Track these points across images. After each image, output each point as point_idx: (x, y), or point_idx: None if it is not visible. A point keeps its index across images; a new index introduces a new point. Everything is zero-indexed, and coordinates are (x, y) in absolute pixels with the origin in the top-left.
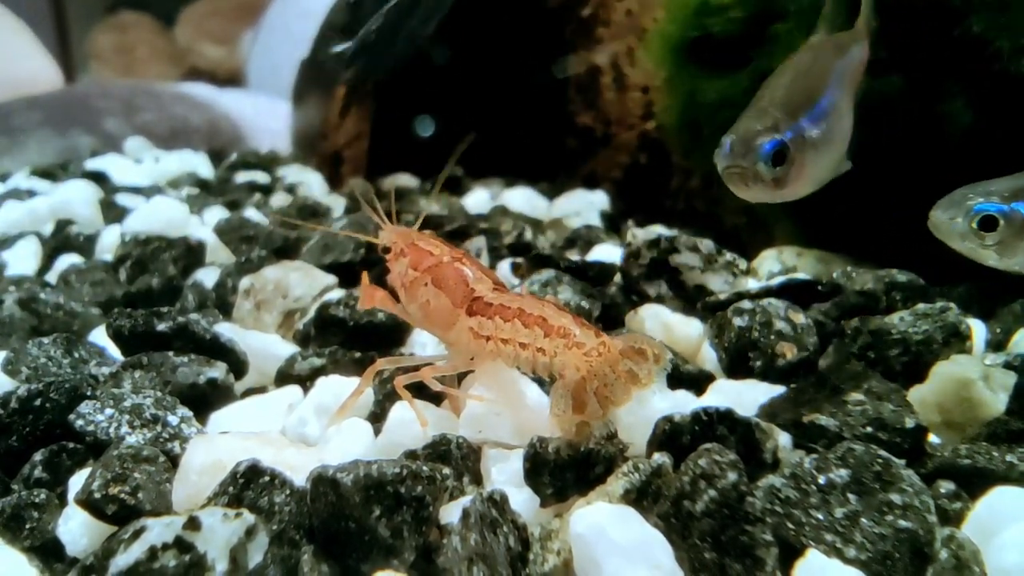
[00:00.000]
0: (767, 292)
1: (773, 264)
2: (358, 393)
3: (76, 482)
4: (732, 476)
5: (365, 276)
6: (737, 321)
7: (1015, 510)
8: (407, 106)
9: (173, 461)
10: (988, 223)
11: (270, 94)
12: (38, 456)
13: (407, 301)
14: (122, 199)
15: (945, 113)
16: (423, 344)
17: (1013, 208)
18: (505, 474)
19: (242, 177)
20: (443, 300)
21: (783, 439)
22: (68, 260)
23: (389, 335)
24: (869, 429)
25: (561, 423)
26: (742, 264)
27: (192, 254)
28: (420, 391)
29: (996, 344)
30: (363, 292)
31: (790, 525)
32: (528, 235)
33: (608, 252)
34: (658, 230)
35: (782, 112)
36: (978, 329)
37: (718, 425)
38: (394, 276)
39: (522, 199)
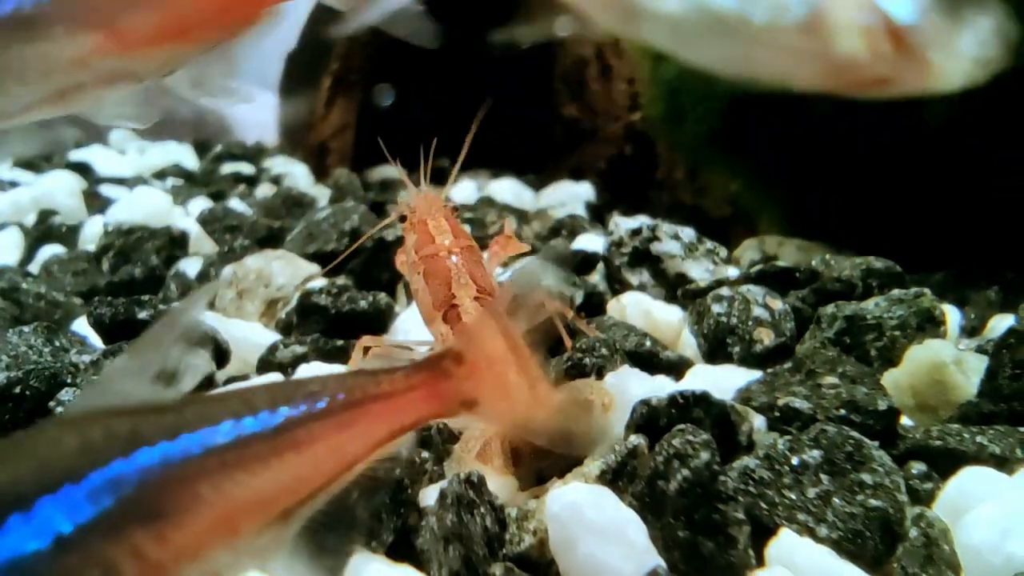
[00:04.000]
0: (746, 279)
1: (755, 253)
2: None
3: None
4: (704, 456)
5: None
6: (716, 308)
7: (984, 490)
8: (394, 97)
9: None
10: None
11: (257, 85)
12: None
13: (408, 278)
14: (105, 190)
15: (923, 107)
16: (406, 331)
17: None
18: None
19: (227, 168)
20: (427, 297)
21: (758, 422)
22: (51, 250)
23: (371, 323)
24: (842, 411)
25: (462, 465)
26: (722, 252)
27: (175, 244)
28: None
29: (971, 330)
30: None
31: (763, 505)
32: (513, 225)
33: (591, 241)
34: (642, 220)
35: None
36: (953, 315)
37: (694, 408)
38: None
39: (508, 190)
